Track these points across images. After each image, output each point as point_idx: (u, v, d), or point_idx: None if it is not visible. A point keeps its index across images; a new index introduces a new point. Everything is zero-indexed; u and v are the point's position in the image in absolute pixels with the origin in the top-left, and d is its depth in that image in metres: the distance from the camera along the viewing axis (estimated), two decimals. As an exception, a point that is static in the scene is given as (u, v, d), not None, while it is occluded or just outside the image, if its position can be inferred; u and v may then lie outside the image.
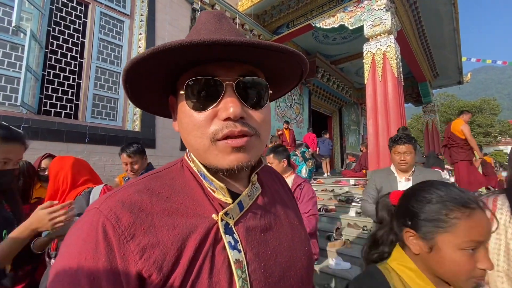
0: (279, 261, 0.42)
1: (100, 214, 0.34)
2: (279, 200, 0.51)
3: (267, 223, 0.44)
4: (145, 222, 0.35)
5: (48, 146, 3.45)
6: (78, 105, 4.00)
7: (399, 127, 4.98)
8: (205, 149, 0.39)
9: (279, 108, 7.82)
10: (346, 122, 11.73)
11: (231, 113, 0.36)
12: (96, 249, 0.32)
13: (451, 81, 11.27)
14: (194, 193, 0.41)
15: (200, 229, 0.37)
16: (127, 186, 0.39)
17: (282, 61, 0.41)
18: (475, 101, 28.15)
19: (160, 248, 0.34)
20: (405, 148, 1.76)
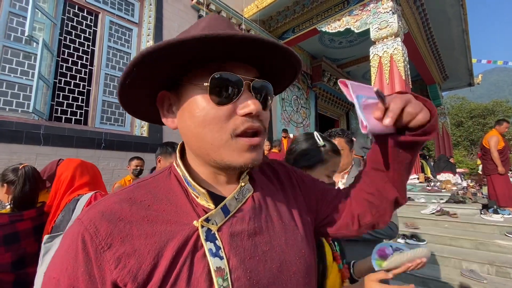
0: (269, 267, 0.40)
1: (81, 225, 0.35)
2: (273, 201, 0.49)
3: (256, 227, 0.42)
4: (123, 231, 0.35)
5: (59, 151, 3.52)
6: (87, 112, 4.09)
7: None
8: (221, 144, 0.39)
9: (285, 112, 7.80)
10: (354, 125, 11.60)
11: (253, 109, 0.38)
12: (75, 259, 0.33)
13: (461, 83, 11.05)
14: (178, 199, 0.41)
15: (179, 237, 0.36)
16: (110, 196, 0.40)
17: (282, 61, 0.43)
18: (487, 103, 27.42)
19: (136, 257, 0.34)
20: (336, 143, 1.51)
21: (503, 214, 3.42)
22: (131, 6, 4.72)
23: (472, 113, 26.05)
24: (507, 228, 3.11)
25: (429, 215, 3.71)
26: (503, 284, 2.41)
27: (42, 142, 3.39)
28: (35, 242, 1.38)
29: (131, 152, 4.19)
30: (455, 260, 2.82)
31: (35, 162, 3.29)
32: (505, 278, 2.54)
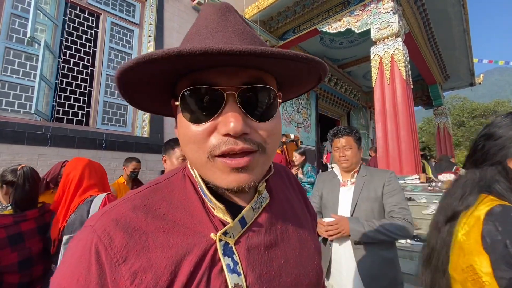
0: (284, 281, 0.39)
1: (94, 233, 0.33)
2: (289, 210, 0.47)
3: (272, 239, 0.41)
4: (139, 243, 0.33)
5: (60, 152, 3.54)
6: (89, 112, 4.11)
7: (408, 130, 4.88)
8: (202, 164, 0.36)
9: (286, 113, 7.81)
10: (355, 126, 11.60)
11: (231, 129, 0.32)
12: (88, 271, 0.31)
13: (462, 83, 11.03)
14: (194, 207, 0.39)
15: (197, 250, 0.35)
16: (124, 201, 0.38)
17: (295, 66, 0.37)
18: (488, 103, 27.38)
19: (152, 272, 0.32)
20: (344, 142, 1.46)
21: (504, 214, 3.41)
22: (132, 7, 4.74)
23: (474, 113, 26.00)
24: (508, 229, 3.10)
25: (431, 215, 3.70)
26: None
27: (50, 143, 3.41)
28: (39, 242, 1.40)
29: (132, 153, 4.20)
30: (457, 261, 2.81)
31: (37, 162, 3.31)
32: (507, 279, 2.53)
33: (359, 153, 1.48)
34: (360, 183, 1.41)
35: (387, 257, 1.31)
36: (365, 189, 1.38)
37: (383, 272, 1.27)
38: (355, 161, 1.46)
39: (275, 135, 0.38)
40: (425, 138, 27.40)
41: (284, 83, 0.42)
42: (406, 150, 4.88)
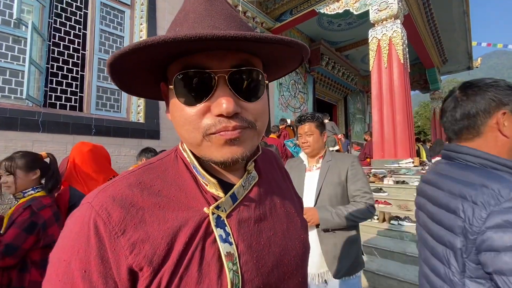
0: (273, 251, 0.42)
1: (91, 209, 0.35)
2: (276, 189, 0.50)
3: (261, 213, 0.44)
4: (135, 217, 0.35)
5: (55, 138, 3.51)
6: (82, 98, 4.04)
7: (404, 114, 4.90)
8: (197, 143, 0.38)
9: (283, 98, 7.75)
10: (352, 110, 11.58)
11: (224, 109, 0.35)
12: (87, 243, 0.33)
13: (460, 67, 10.96)
14: (187, 185, 0.41)
15: (191, 223, 0.37)
16: (119, 179, 0.39)
17: (279, 49, 0.39)
18: (485, 87, 27.31)
19: (150, 243, 0.34)
20: (306, 128, 1.49)
21: (494, 196, 3.52)
22: (123, -13, 4.54)
23: None
24: (497, 210, 3.21)
25: (423, 198, 3.80)
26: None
27: (41, 129, 3.37)
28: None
29: (128, 139, 4.18)
30: (446, 240, 2.93)
31: (32, 149, 3.28)
32: (492, 256, 2.65)
33: (321, 139, 1.52)
34: (324, 168, 1.45)
35: (351, 238, 1.38)
36: (329, 174, 1.42)
37: (346, 253, 1.34)
38: (317, 146, 1.49)
39: (263, 114, 0.41)
40: (421, 123, 27.54)
41: (269, 65, 0.44)
42: (401, 134, 4.92)
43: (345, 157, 1.51)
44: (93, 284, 0.32)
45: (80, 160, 1.55)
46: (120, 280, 0.33)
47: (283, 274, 0.42)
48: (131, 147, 4.22)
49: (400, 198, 3.98)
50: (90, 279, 0.32)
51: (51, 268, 0.34)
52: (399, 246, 3.01)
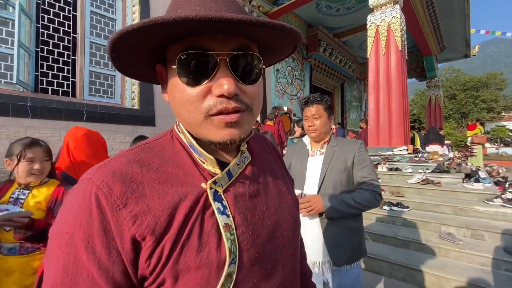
0: (266, 224, 0.45)
1: (92, 184, 0.36)
2: (268, 169, 0.53)
3: (255, 190, 0.46)
4: (136, 191, 0.37)
5: (48, 124, 3.46)
6: (75, 83, 3.95)
7: (400, 102, 4.92)
8: (198, 124, 0.39)
9: (279, 85, 7.68)
10: (348, 98, 11.56)
11: (225, 90, 0.36)
12: (90, 216, 0.34)
13: (457, 55, 10.92)
14: (184, 163, 0.43)
15: (190, 197, 0.39)
16: (117, 157, 0.41)
17: (277, 36, 0.40)
18: (481, 75, 27.39)
19: (152, 215, 0.36)
20: (314, 110, 1.40)
21: (483, 182, 3.61)
22: (113, -34, 4.35)
23: (466, 86, 26.10)
24: (486, 196, 3.31)
25: (415, 184, 3.89)
26: (476, 245, 2.62)
27: (30, 115, 3.31)
28: None
29: (123, 125, 4.14)
30: (435, 224, 3.03)
31: (25, 135, 3.24)
32: (478, 240, 2.76)
33: (329, 123, 1.43)
34: (329, 153, 1.38)
35: (354, 226, 1.33)
36: (334, 160, 1.35)
37: (349, 241, 1.29)
38: (324, 131, 1.41)
39: (259, 97, 0.43)
40: (416, 111, 27.70)
41: (264, 51, 0.45)
42: (396, 122, 4.96)
43: (352, 142, 1.42)
44: (97, 255, 0.33)
45: (73, 145, 1.53)
46: (123, 250, 0.34)
47: (276, 245, 0.45)
48: (126, 133, 4.19)
49: (393, 184, 4.06)
50: (93, 249, 0.33)
51: (52, 242, 0.35)
52: (391, 230, 3.10)
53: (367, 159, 1.36)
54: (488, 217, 3.03)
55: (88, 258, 0.33)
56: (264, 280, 0.42)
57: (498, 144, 24.95)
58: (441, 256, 2.66)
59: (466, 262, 2.53)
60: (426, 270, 2.45)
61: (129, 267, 0.35)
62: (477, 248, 2.57)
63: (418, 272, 2.48)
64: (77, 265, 0.33)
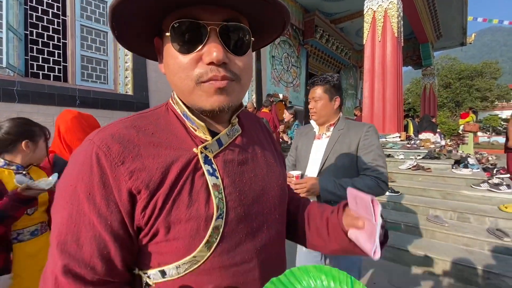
0: (253, 188, 0.48)
1: (93, 144, 0.40)
2: (257, 142, 0.56)
3: (244, 158, 0.49)
4: (132, 151, 0.40)
5: (40, 109, 3.42)
6: (66, 67, 3.87)
7: (394, 89, 4.95)
8: (190, 90, 0.42)
9: (275, 71, 7.62)
10: (344, 86, 11.54)
11: (214, 57, 0.38)
12: (91, 171, 0.38)
13: (454, 43, 10.89)
14: (177, 131, 0.46)
15: (182, 159, 0.43)
16: (116, 123, 0.44)
17: (264, 10, 0.42)
18: (476, 64, 27.45)
19: (146, 172, 0.40)
20: (314, 92, 1.36)
21: (472, 168, 3.72)
22: None
23: (461, 74, 26.17)
24: (473, 181, 3.42)
25: (406, 170, 3.99)
26: (462, 227, 2.74)
27: (24, 100, 3.26)
28: None
29: (117, 111, 4.11)
30: (424, 208, 3.14)
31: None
32: (464, 222, 2.88)
33: (331, 105, 1.37)
34: (335, 136, 1.33)
35: None
36: (339, 143, 1.30)
37: None
38: (324, 113, 1.36)
39: (248, 69, 0.45)
40: (411, 99, 27.80)
41: (255, 30, 0.47)
42: (390, 109, 5.00)
43: (360, 125, 1.34)
44: (97, 205, 0.38)
45: (64, 128, 1.52)
46: (121, 202, 0.38)
47: (262, 208, 0.49)
48: (121, 119, 4.16)
49: (385, 170, 4.16)
50: (94, 200, 0.38)
51: (59, 193, 0.40)
52: (381, 214, 3.20)
53: (374, 144, 1.27)
54: (474, 201, 3.15)
55: (89, 208, 0.37)
56: (250, 237, 0.46)
57: (489, 133, 25.38)
58: (428, 237, 2.78)
59: (452, 243, 2.65)
60: (413, 250, 2.56)
61: (126, 218, 0.39)
62: (463, 230, 2.68)
63: (405, 252, 2.59)
64: (79, 213, 0.38)
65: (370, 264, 2.54)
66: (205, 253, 0.41)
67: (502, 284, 2.14)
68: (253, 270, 0.46)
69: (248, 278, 0.45)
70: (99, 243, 0.38)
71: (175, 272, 0.42)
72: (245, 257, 0.45)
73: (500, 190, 3.09)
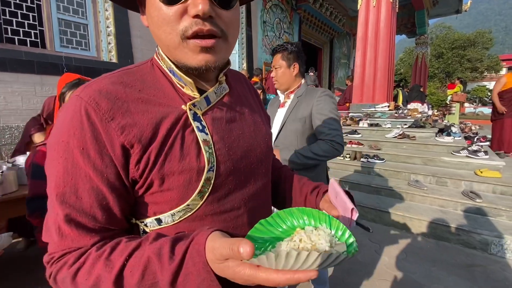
0: (241, 145, 0.50)
1: (81, 100, 0.39)
2: (244, 101, 0.57)
3: (232, 116, 0.51)
4: (122, 108, 0.40)
5: (20, 78, 3.25)
6: (43, 32, 3.61)
7: (386, 58, 4.90)
8: (175, 46, 0.41)
9: (267, 38, 7.33)
10: (337, 54, 11.29)
11: (200, 10, 0.37)
12: (82, 127, 0.38)
13: (449, 10, 10.59)
14: (165, 88, 0.45)
15: (172, 115, 0.43)
16: (101, 78, 0.43)
17: None
18: (470, 33, 27.05)
19: (137, 127, 0.40)
20: (274, 60, 1.37)
21: (454, 136, 3.88)
22: None
23: (454, 44, 25.85)
24: (454, 148, 3.59)
25: (392, 138, 4.13)
26: (439, 190, 2.94)
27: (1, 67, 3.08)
28: None
29: (102, 80, 3.95)
30: (406, 174, 3.32)
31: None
32: (442, 186, 3.08)
33: (289, 72, 1.36)
34: (293, 103, 1.35)
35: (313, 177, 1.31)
36: (295, 110, 1.33)
37: None
38: (284, 80, 1.36)
39: (235, 24, 0.45)
40: (404, 70, 27.61)
41: None
42: (381, 78, 5.00)
43: (314, 91, 1.37)
44: (91, 159, 0.38)
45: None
46: (115, 156, 0.39)
47: (250, 163, 0.52)
48: (107, 89, 4.02)
49: (372, 139, 4.29)
50: (88, 154, 0.38)
51: (51, 149, 0.40)
52: (365, 179, 3.37)
53: (327, 108, 1.29)
54: (453, 166, 3.34)
55: (84, 162, 0.38)
56: (238, 188, 0.49)
57: (476, 103, 25.90)
58: (408, 200, 2.98)
59: (429, 205, 2.86)
60: (393, 211, 2.76)
61: (121, 171, 0.40)
62: (440, 192, 2.88)
63: (386, 213, 2.79)
64: (75, 167, 0.39)
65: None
66: (198, 201, 0.44)
67: (470, 239, 2.37)
68: (242, 216, 0.50)
69: (237, 223, 0.49)
70: (97, 194, 0.39)
71: (170, 220, 0.44)
72: (234, 205, 0.48)
73: (478, 157, 3.27)
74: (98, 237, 0.40)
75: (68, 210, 0.38)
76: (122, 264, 0.36)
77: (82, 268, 0.37)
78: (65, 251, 0.39)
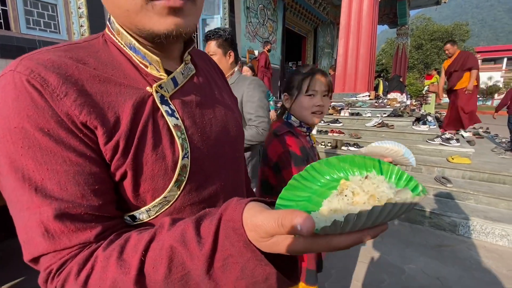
0: (214, 130, 0.48)
1: (20, 75, 0.31)
2: (213, 82, 0.55)
3: (202, 99, 0.48)
4: (75, 86, 0.33)
5: (-19, 61, 3.00)
6: (6, 12, 3.32)
7: (368, 47, 4.96)
8: (137, 10, 0.35)
9: (250, 25, 7.18)
10: (321, 43, 11.30)
11: None
12: (35, 105, 0.31)
13: (430, 1, 10.83)
14: (123, 67, 0.40)
15: (136, 98, 0.38)
16: (42, 51, 0.35)
17: None
18: (448, 25, 27.92)
19: (97, 110, 0.34)
20: (208, 47, 1.35)
21: (429, 125, 4.05)
22: None
23: (433, 36, 26.63)
24: (429, 136, 3.75)
25: (372, 127, 4.24)
26: (414, 176, 3.06)
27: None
28: None
29: (75, 65, 3.73)
30: (384, 161, 3.45)
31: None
32: (416, 172, 3.23)
33: (224, 60, 1.36)
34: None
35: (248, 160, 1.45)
36: None
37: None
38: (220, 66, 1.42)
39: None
40: (385, 60, 28.21)
41: None
42: (363, 68, 5.08)
43: (245, 79, 1.39)
44: (64, 139, 0.32)
45: None
46: (83, 134, 0.33)
47: (224, 148, 0.50)
48: (81, 75, 3.80)
49: (353, 128, 4.39)
50: (57, 135, 0.32)
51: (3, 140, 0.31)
52: (346, 167, 3.46)
53: (256, 96, 1.35)
54: (427, 153, 3.50)
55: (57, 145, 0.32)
56: (214, 175, 0.47)
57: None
58: (385, 186, 3.10)
59: (404, 190, 2.99)
60: (371, 197, 2.87)
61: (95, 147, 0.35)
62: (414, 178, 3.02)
63: (364, 199, 2.90)
64: (46, 153, 0.31)
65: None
66: (175, 192, 0.41)
67: (441, 221, 2.52)
68: (220, 203, 0.48)
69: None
70: (85, 178, 0.33)
71: (145, 216, 0.40)
72: (211, 192, 0.46)
73: (450, 144, 3.44)
74: (99, 226, 0.34)
75: (55, 204, 0.31)
76: (140, 262, 0.31)
77: (92, 275, 0.31)
78: (64, 258, 0.32)
